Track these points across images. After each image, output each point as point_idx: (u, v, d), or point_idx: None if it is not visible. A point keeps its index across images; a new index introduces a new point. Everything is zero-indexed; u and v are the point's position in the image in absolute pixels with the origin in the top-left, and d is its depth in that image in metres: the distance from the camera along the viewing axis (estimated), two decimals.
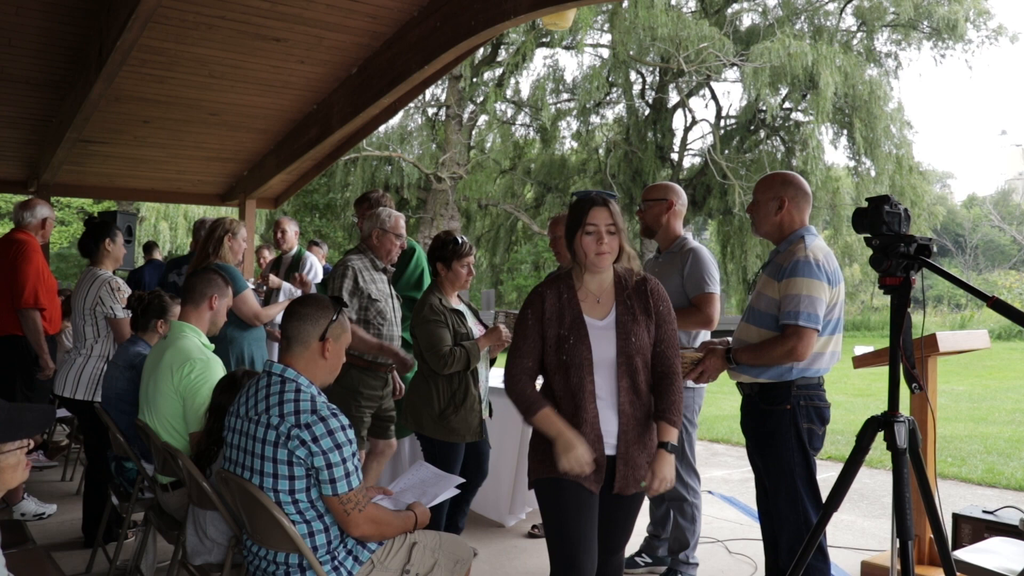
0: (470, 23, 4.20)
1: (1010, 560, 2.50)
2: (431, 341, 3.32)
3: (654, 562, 3.79)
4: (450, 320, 3.38)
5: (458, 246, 3.47)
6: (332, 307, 2.31)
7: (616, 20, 18.70)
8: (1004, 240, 40.35)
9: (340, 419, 2.15)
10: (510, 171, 22.47)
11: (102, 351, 4.17)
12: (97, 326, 4.16)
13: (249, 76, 5.63)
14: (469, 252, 3.52)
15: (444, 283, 3.51)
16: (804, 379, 2.69)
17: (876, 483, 5.62)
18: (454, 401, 3.37)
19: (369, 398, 3.78)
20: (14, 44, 4.93)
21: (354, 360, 3.67)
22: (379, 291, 3.75)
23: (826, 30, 19.52)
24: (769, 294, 2.71)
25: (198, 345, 3.08)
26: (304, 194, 22.63)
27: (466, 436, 3.41)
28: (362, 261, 3.77)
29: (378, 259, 3.82)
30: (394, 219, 3.90)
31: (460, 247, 3.47)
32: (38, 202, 4.77)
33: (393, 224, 3.87)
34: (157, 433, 2.95)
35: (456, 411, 3.36)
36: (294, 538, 2.12)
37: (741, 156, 20.20)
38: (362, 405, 3.75)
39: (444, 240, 3.51)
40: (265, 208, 8.90)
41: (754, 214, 2.88)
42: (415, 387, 3.48)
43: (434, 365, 3.32)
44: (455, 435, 3.38)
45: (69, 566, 3.69)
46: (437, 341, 3.31)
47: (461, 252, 3.47)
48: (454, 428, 3.36)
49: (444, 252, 3.48)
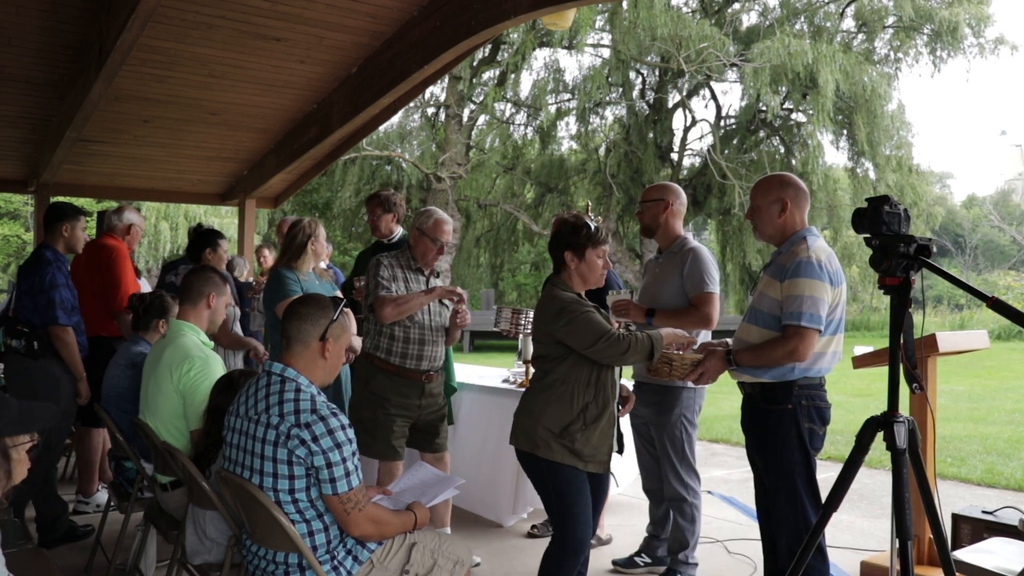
0: (470, 23, 4.20)
1: (1009, 560, 2.50)
2: (593, 329, 2.65)
3: (653, 562, 3.79)
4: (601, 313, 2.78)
5: (593, 232, 2.81)
6: (332, 307, 2.32)
7: (616, 20, 18.71)
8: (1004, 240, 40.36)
9: (340, 418, 2.15)
10: (510, 171, 22.47)
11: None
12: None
13: (249, 76, 5.63)
14: (606, 239, 2.87)
15: (573, 276, 2.82)
16: (806, 379, 2.69)
17: (876, 483, 5.62)
18: (585, 416, 2.70)
19: (400, 406, 3.49)
20: (14, 43, 4.92)
21: (381, 364, 3.49)
22: (410, 291, 3.50)
23: (826, 31, 19.52)
24: (771, 294, 2.71)
25: (197, 343, 3.08)
26: (304, 194, 22.64)
27: (589, 464, 2.72)
28: (396, 258, 3.56)
29: (413, 259, 3.60)
30: (433, 221, 3.57)
31: (596, 233, 2.81)
32: (126, 208, 4.99)
33: (431, 227, 3.57)
34: (157, 432, 2.95)
35: (585, 428, 2.69)
36: (293, 538, 2.12)
37: (741, 156, 20.20)
38: (391, 413, 3.48)
39: (575, 224, 2.82)
40: (265, 208, 8.90)
41: (756, 219, 2.86)
42: (525, 403, 2.82)
43: (609, 354, 2.65)
44: (578, 459, 2.70)
45: (68, 566, 3.69)
46: (600, 327, 2.66)
47: (598, 239, 2.81)
48: (578, 450, 2.69)
49: (576, 239, 2.79)
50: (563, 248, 2.82)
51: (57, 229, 4.24)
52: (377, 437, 3.46)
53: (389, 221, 4.33)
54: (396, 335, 3.48)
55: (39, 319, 3.96)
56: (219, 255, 4.53)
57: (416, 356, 3.51)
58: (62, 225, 4.24)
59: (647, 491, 3.81)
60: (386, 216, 4.33)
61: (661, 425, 3.51)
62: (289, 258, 3.95)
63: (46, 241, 4.26)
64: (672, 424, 3.49)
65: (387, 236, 4.33)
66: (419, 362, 3.52)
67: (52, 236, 4.25)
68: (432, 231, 3.56)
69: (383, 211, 4.32)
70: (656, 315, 3.43)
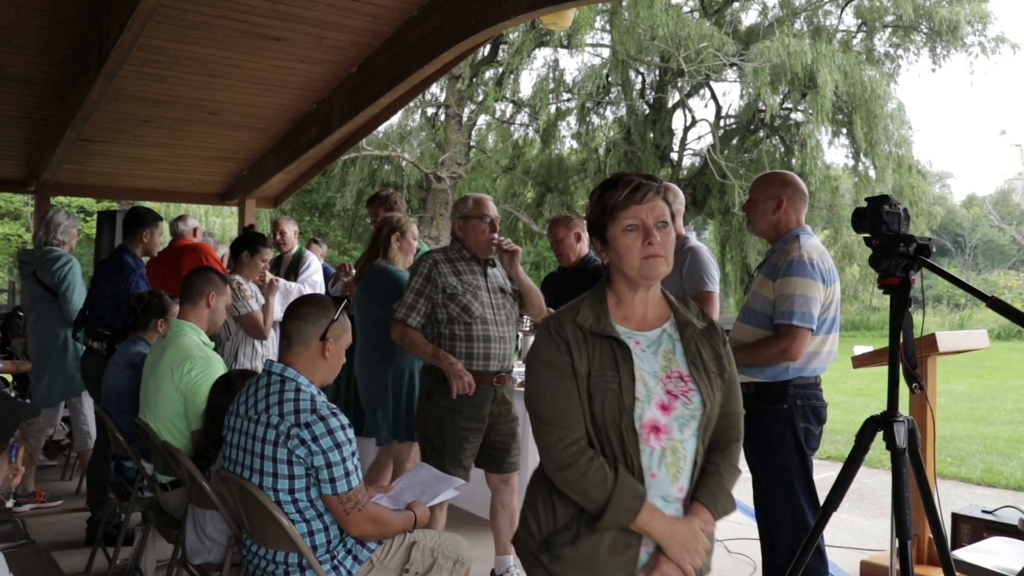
0: (470, 23, 4.20)
1: (1009, 560, 2.50)
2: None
3: None
4: None
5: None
6: (333, 307, 2.32)
7: (616, 20, 18.69)
8: (1003, 240, 40.34)
9: (340, 418, 2.15)
10: (510, 171, 22.47)
11: (231, 350, 4.19)
12: (228, 327, 4.18)
13: (249, 75, 5.63)
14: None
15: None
16: (801, 379, 2.69)
17: (875, 483, 5.62)
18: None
19: (471, 417, 3.12)
20: (14, 43, 4.93)
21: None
22: (465, 284, 3.17)
23: (825, 30, 19.52)
24: (764, 293, 2.71)
25: (198, 343, 3.08)
26: (303, 193, 22.62)
27: None
28: (445, 254, 3.26)
29: (466, 249, 3.27)
30: (473, 201, 3.28)
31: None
32: (187, 216, 5.35)
33: (472, 207, 3.25)
34: (157, 432, 2.95)
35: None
36: (293, 537, 2.12)
37: (740, 156, 20.19)
38: (461, 427, 3.10)
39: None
40: (265, 208, 8.90)
41: (751, 212, 2.88)
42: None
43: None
44: None
45: (69, 566, 3.69)
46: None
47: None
48: None
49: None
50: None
51: (137, 234, 4.41)
52: (446, 455, 3.09)
53: None
54: (457, 334, 3.14)
55: (121, 324, 4.05)
56: (255, 261, 4.46)
57: (483, 356, 3.15)
58: (142, 231, 4.41)
59: None
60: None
61: None
62: (382, 254, 3.77)
63: (125, 245, 4.44)
64: None
65: None
66: (487, 362, 3.16)
67: (131, 241, 4.42)
68: (476, 210, 3.24)
69: (385, 210, 4.33)
70: None
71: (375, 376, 3.72)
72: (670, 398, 1.69)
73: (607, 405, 1.65)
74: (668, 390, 1.69)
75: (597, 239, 1.79)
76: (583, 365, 1.67)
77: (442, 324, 3.16)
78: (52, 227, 4.62)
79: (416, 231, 3.90)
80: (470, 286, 3.18)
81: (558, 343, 1.70)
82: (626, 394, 1.65)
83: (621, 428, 1.65)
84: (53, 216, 4.69)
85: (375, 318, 3.68)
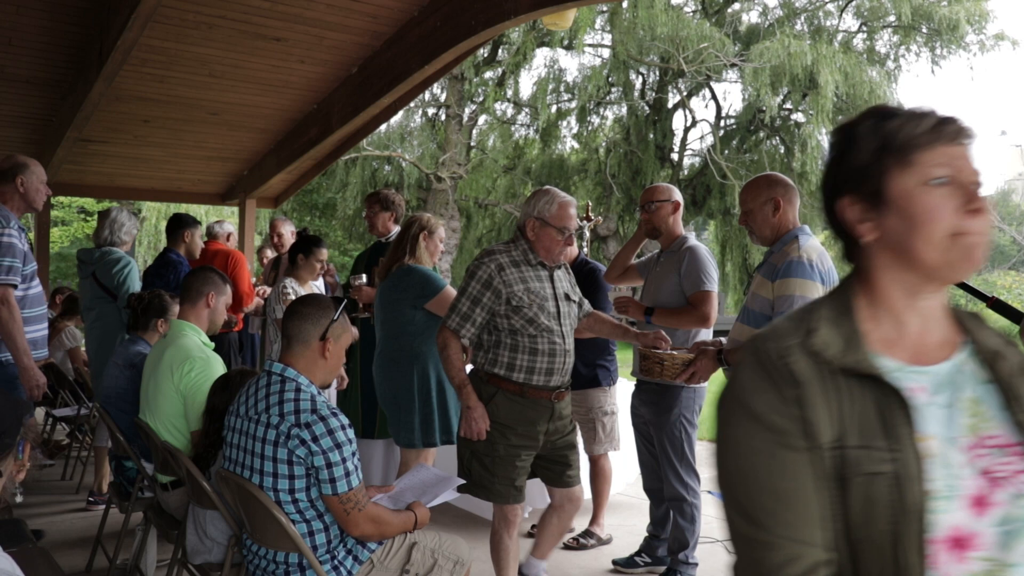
0: (470, 23, 4.20)
1: None
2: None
3: (653, 562, 3.79)
4: None
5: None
6: (333, 307, 2.32)
7: (616, 20, 18.70)
8: (1004, 240, 40.33)
9: (340, 419, 2.15)
10: (510, 171, 22.47)
11: (279, 353, 4.21)
12: (277, 330, 4.23)
13: (249, 76, 5.64)
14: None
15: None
16: None
17: None
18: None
19: (525, 435, 2.86)
20: (14, 43, 4.93)
21: (500, 382, 2.85)
22: (532, 294, 2.85)
23: (826, 31, 19.54)
24: (763, 295, 2.71)
25: (198, 343, 3.08)
26: (304, 194, 22.64)
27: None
28: (509, 255, 2.90)
29: (533, 253, 2.93)
30: (557, 206, 2.89)
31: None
32: (224, 221, 5.81)
33: (556, 214, 2.88)
34: (157, 432, 2.95)
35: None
36: (294, 537, 2.12)
37: (741, 156, 20.19)
38: (512, 443, 2.84)
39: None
40: (265, 208, 8.90)
41: (751, 223, 2.85)
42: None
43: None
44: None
45: (69, 565, 3.69)
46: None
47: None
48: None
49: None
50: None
51: (179, 235, 4.94)
52: (496, 474, 2.85)
53: (387, 220, 4.35)
54: (521, 345, 2.84)
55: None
56: (310, 263, 4.39)
57: (546, 371, 2.87)
58: (184, 232, 4.94)
59: (647, 491, 3.81)
60: (384, 214, 4.34)
61: (660, 425, 3.51)
62: (409, 253, 3.65)
63: (170, 246, 4.96)
64: (671, 424, 3.48)
65: (384, 235, 4.37)
66: (548, 377, 2.88)
67: (175, 241, 4.96)
68: (558, 219, 2.88)
69: (381, 208, 4.34)
70: (655, 313, 3.45)
71: (400, 377, 3.63)
72: (989, 486, 0.96)
73: (875, 502, 0.93)
74: (984, 471, 0.97)
75: (855, 200, 1.07)
76: (828, 428, 0.95)
77: (503, 333, 2.86)
78: (116, 227, 4.60)
79: (443, 233, 3.76)
80: (537, 296, 2.86)
81: (780, 386, 0.97)
82: (909, 483, 0.93)
83: (900, 544, 0.92)
84: (117, 215, 4.64)
85: (403, 319, 3.61)
